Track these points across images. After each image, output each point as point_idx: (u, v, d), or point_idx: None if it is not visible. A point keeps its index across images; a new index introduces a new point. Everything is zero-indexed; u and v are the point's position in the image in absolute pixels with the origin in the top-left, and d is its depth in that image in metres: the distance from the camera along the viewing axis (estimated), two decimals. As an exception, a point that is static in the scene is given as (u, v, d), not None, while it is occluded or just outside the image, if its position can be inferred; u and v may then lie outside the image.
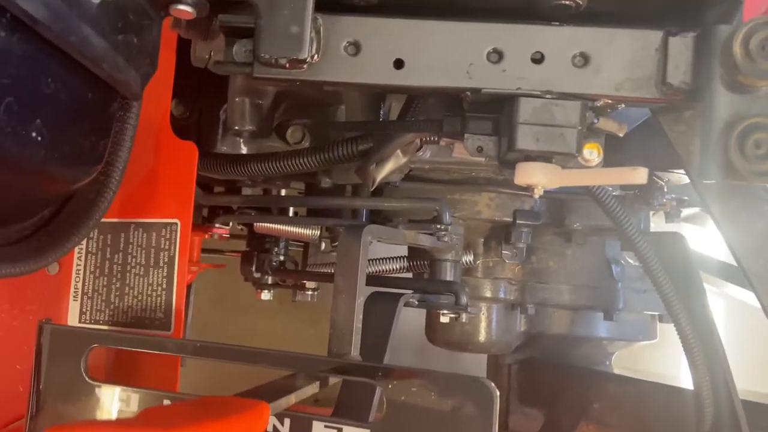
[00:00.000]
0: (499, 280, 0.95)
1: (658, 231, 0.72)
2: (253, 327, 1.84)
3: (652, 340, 1.04)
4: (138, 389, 0.55)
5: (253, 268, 1.09)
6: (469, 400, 0.44)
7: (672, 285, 0.64)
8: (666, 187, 0.76)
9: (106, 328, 0.69)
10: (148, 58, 0.48)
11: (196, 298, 1.24)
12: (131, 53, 0.44)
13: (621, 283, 0.93)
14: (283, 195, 0.92)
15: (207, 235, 1.01)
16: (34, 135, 0.34)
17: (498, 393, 0.43)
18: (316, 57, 0.50)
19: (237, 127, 0.73)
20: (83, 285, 0.71)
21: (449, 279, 0.86)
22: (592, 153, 0.49)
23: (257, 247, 1.10)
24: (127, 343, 0.56)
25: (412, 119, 0.58)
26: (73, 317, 0.72)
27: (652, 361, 1.58)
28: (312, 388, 0.50)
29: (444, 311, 0.83)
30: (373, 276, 0.84)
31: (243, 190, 1.02)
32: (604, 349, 1.06)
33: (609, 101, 0.48)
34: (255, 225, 0.96)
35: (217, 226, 0.96)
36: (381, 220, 0.92)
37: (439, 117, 0.59)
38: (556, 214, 0.86)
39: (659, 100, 0.48)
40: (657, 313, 1.04)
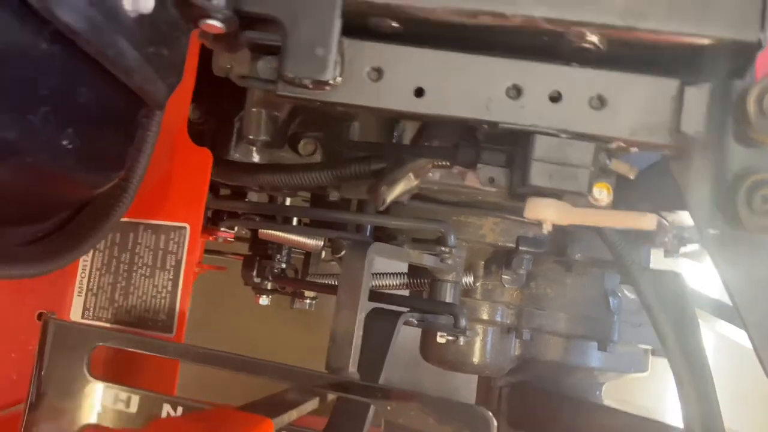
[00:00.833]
0: (497, 304, 0.96)
1: (657, 269, 0.73)
2: (246, 329, 1.85)
3: (644, 372, 1.05)
4: (139, 390, 0.55)
5: (254, 273, 1.09)
6: (466, 427, 0.45)
7: (668, 322, 0.64)
8: (669, 227, 0.77)
9: (108, 325, 0.69)
10: (176, 69, 0.49)
11: (193, 297, 1.25)
12: (161, 65, 0.45)
13: (617, 315, 0.94)
14: (289, 205, 0.93)
15: (212, 238, 1.02)
16: (65, 143, 0.35)
17: (495, 423, 0.44)
18: (339, 79, 0.51)
19: (252, 137, 0.74)
20: (88, 281, 0.72)
21: (449, 300, 0.86)
22: (602, 192, 0.50)
23: (259, 253, 1.11)
24: (131, 344, 0.56)
25: (427, 145, 0.59)
26: (76, 313, 0.73)
27: (640, 393, 1.59)
28: (312, 404, 0.51)
29: (441, 333, 0.84)
30: (374, 292, 0.84)
31: (248, 195, 1.03)
32: (595, 378, 1.07)
33: (623, 144, 0.49)
34: (260, 231, 0.97)
35: (222, 229, 0.97)
36: (385, 237, 0.92)
37: (452, 144, 0.60)
38: (558, 243, 0.87)
39: (672, 147, 0.49)
40: (650, 347, 1.06)
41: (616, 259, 0.63)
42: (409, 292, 1.00)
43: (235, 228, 1.02)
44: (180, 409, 0.54)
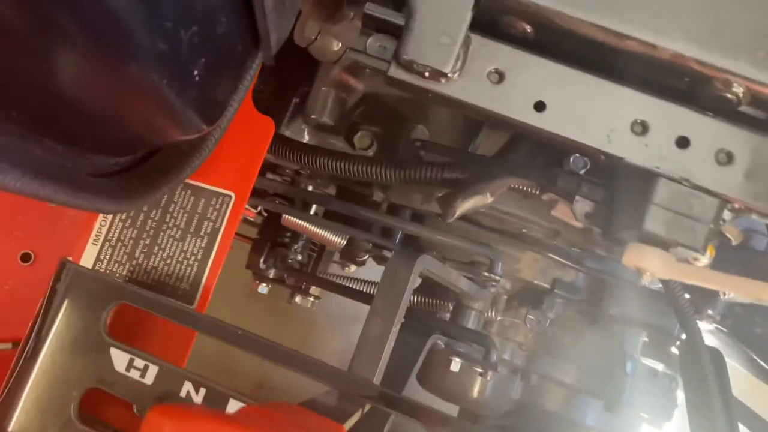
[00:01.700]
0: (510, 342, 0.92)
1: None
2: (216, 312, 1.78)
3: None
4: (160, 361, 0.50)
5: (262, 259, 1.04)
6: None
7: (715, 397, 0.61)
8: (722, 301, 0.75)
9: (121, 282, 0.64)
10: (288, 23, 0.45)
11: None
12: (282, 13, 0.41)
13: (631, 378, 0.91)
14: (339, 200, 0.88)
15: (231, 213, 0.96)
16: (195, 73, 0.30)
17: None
18: (457, 75, 0.47)
19: (315, 117, 0.70)
20: (108, 231, 0.66)
21: (472, 328, 0.82)
22: (706, 253, 0.47)
23: (270, 238, 1.06)
24: (160, 309, 0.51)
25: (525, 164, 0.55)
26: (86, 261, 0.66)
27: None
28: (359, 414, 0.46)
29: (459, 359, 0.79)
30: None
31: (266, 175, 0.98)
32: (589, 439, 1.03)
33: (742, 207, 0.46)
34: (284, 217, 0.92)
35: (245, 206, 0.91)
36: (414, 250, 0.88)
37: (538, 166, 0.57)
38: (594, 293, 0.84)
39: (790, 221, 0.46)
40: (647, 416, 1.03)
41: (684, 326, 0.60)
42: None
43: (259, 207, 0.96)
44: (203, 391, 0.49)
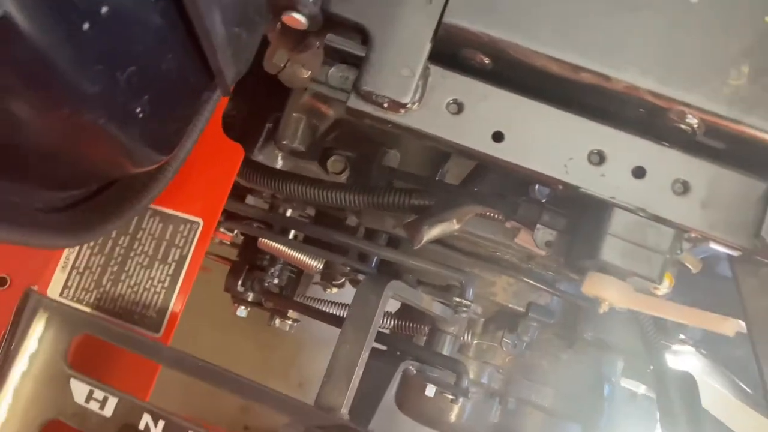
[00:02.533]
0: (487, 365, 0.92)
1: (675, 368, 0.71)
2: (200, 335, 1.76)
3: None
4: (119, 393, 0.49)
5: (240, 282, 1.03)
6: None
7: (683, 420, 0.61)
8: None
9: (88, 310, 0.63)
10: (247, 56, 0.45)
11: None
12: (238, 48, 0.41)
13: (609, 402, 0.91)
14: (311, 224, 0.88)
15: (207, 237, 0.96)
16: (138, 110, 0.30)
17: None
18: (416, 105, 0.47)
19: (286, 142, 0.70)
20: (76, 258, 0.65)
21: (446, 353, 0.82)
22: (664, 282, 0.47)
23: (249, 261, 1.05)
24: (123, 341, 0.51)
25: (486, 193, 0.56)
26: (54, 288, 0.66)
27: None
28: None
29: (434, 386, 0.79)
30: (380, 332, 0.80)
31: (246, 198, 0.98)
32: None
33: (699, 236, 0.46)
34: (260, 240, 0.92)
35: (221, 230, 0.91)
36: (391, 274, 0.88)
37: (502, 196, 0.57)
38: (569, 317, 0.84)
39: (746, 251, 0.46)
40: (627, 439, 1.02)
41: (650, 354, 0.60)
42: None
43: (235, 231, 0.96)
44: (161, 423, 0.48)
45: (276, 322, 1.08)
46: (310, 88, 0.61)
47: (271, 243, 0.89)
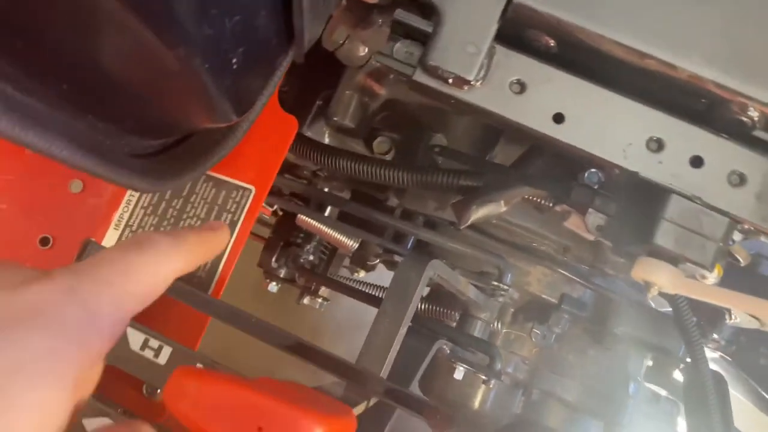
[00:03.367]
0: (514, 356, 0.93)
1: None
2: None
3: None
4: (172, 342, 0.51)
5: (274, 258, 1.05)
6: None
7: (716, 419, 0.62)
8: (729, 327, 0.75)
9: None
10: (321, 23, 0.47)
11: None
12: (316, 14, 0.43)
13: (633, 400, 0.91)
14: (354, 203, 0.89)
15: (248, 210, 0.98)
16: (234, 60, 0.32)
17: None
18: (480, 83, 0.49)
19: (337, 119, 0.72)
20: (130, 217, 0.68)
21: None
22: (714, 272, 0.48)
23: (284, 237, 1.07)
24: (177, 293, 0.52)
25: (540, 175, 0.57)
26: (107, 244, 0.68)
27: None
28: (363, 405, 0.47)
29: (464, 366, 0.80)
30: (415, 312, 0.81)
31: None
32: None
33: (751, 228, 0.47)
34: (298, 217, 0.93)
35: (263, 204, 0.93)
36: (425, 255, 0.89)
37: (552, 177, 0.58)
38: (601, 311, 0.85)
39: (799, 245, 0.47)
40: (647, 440, 1.02)
41: (688, 347, 0.60)
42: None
43: (275, 206, 0.98)
44: (213, 375, 0.50)
45: (306, 300, 1.10)
46: (369, 64, 0.62)
47: (309, 220, 0.91)
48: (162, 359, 0.51)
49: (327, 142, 0.80)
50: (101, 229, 0.69)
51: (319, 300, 1.08)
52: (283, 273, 1.10)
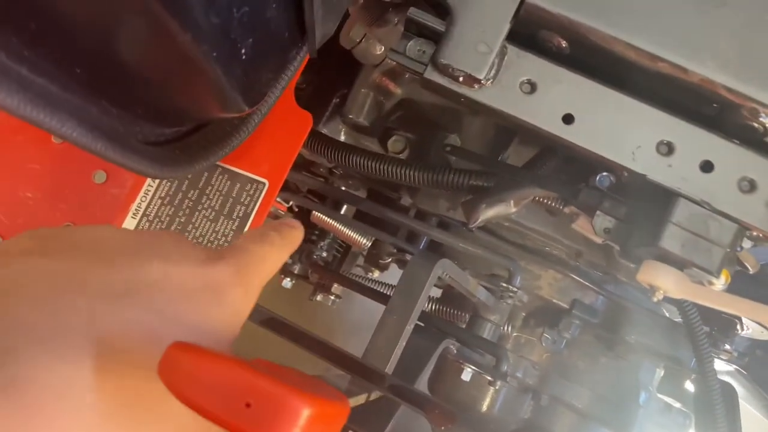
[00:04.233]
0: (523, 360, 0.92)
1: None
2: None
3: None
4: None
5: (289, 253, 1.06)
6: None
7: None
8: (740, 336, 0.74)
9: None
10: (334, 19, 0.48)
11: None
12: (328, 10, 0.44)
13: (644, 409, 0.90)
14: (369, 201, 0.90)
15: (264, 205, 0.99)
16: (242, 51, 0.33)
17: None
18: (490, 82, 0.49)
19: (352, 116, 0.72)
20: (147, 206, 0.69)
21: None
22: (721, 278, 0.47)
23: (299, 234, 1.08)
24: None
25: (548, 176, 0.57)
26: (124, 233, 0.70)
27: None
28: (362, 397, 0.48)
29: (471, 367, 0.80)
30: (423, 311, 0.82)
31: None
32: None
33: (760, 235, 0.46)
34: (313, 214, 0.94)
35: (277, 200, 0.94)
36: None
37: (561, 179, 0.58)
38: (613, 318, 0.84)
39: (809, 254, 0.46)
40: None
41: (697, 356, 0.60)
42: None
43: (290, 202, 0.99)
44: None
45: (319, 296, 1.11)
46: (384, 63, 0.63)
47: (324, 217, 0.92)
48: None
49: (343, 139, 0.81)
50: (120, 218, 0.71)
51: (332, 297, 1.09)
52: (297, 269, 1.11)
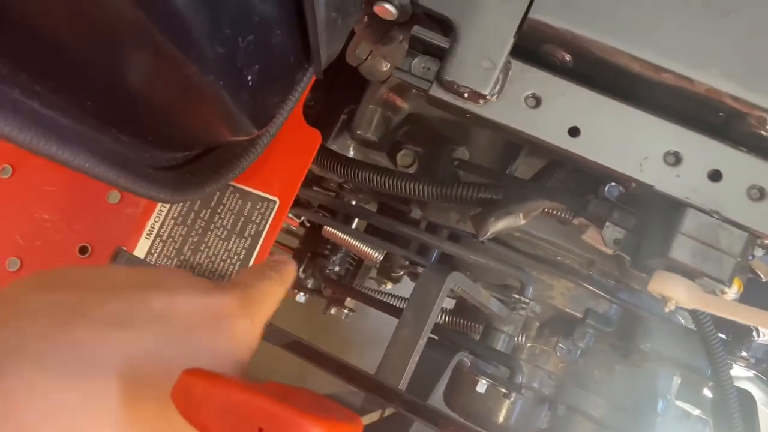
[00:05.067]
0: (539, 370, 0.92)
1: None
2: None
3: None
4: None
5: (302, 268, 1.07)
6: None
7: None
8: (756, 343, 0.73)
9: (168, 276, 0.67)
10: (339, 42, 0.48)
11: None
12: (333, 32, 0.44)
13: (662, 418, 0.89)
14: (379, 215, 0.90)
15: (276, 221, 1.00)
16: (249, 78, 0.33)
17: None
18: (495, 97, 0.49)
19: (361, 132, 0.73)
20: (161, 227, 0.70)
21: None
22: (733, 287, 0.47)
23: (311, 249, 1.09)
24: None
25: (555, 187, 0.57)
26: (138, 254, 0.71)
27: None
28: (377, 414, 0.48)
29: (486, 379, 0.80)
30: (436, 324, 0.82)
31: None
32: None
33: (772, 244, 0.46)
34: (325, 228, 0.95)
35: (289, 215, 0.95)
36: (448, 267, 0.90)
37: (570, 190, 0.58)
38: (627, 327, 0.83)
39: (823, 261, 0.46)
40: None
41: (713, 364, 0.59)
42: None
43: (302, 217, 1.00)
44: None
45: (332, 310, 1.11)
46: (391, 79, 0.64)
47: (336, 231, 0.92)
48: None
49: (352, 155, 0.82)
50: (134, 238, 0.72)
51: (345, 311, 1.09)
52: (310, 284, 1.12)
